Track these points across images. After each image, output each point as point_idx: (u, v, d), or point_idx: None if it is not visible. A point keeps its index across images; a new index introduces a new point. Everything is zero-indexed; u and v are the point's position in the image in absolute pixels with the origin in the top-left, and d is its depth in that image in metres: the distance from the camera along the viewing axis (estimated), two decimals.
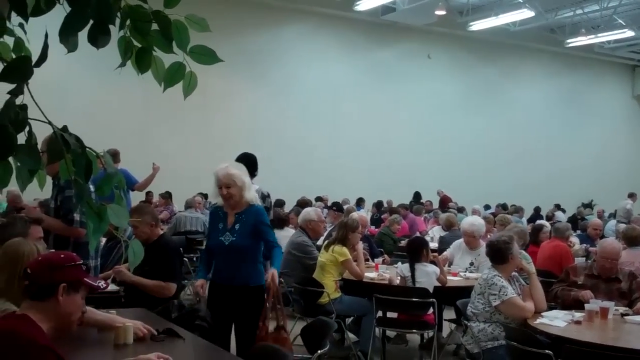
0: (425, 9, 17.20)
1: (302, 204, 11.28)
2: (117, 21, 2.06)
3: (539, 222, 10.83)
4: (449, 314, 6.93)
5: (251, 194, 4.62)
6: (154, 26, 2.12)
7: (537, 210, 18.35)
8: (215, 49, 2.23)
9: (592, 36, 19.83)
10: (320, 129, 18.77)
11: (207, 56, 2.22)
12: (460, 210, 15.15)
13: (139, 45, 2.18)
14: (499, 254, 5.07)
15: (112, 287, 4.79)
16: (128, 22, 2.13)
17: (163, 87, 2.28)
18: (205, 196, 12.09)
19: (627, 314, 4.92)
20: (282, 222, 8.87)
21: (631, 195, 18.52)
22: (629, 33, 19.21)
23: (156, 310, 4.19)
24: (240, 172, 4.59)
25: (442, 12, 17.03)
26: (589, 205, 20.52)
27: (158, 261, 4.69)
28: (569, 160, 22.84)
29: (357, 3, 17.78)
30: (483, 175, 20.67)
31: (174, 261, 5.01)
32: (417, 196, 17.79)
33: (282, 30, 18.53)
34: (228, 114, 17.52)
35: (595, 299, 5.01)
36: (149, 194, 13.45)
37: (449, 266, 7.16)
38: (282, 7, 17.98)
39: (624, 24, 18.91)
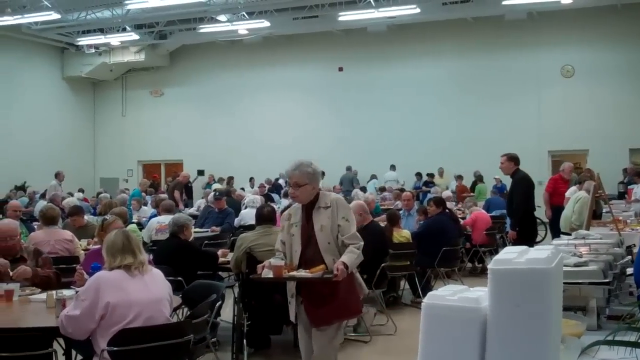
0: None
1: None
2: None
3: None
4: None
5: None
6: None
7: None
8: None
9: (19, 16, 19.54)
10: None
11: None
12: None
13: None
14: None
15: None
16: None
17: None
18: None
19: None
20: None
21: (57, 175, 18.84)
22: (55, 15, 19.47)
23: None
24: None
25: None
26: None
27: None
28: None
29: None
30: None
31: None
32: None
33: None
34: None
35: (1, 282, 5.05)
36: None
37: None
38: None
39: (49, 5, 19.07)
